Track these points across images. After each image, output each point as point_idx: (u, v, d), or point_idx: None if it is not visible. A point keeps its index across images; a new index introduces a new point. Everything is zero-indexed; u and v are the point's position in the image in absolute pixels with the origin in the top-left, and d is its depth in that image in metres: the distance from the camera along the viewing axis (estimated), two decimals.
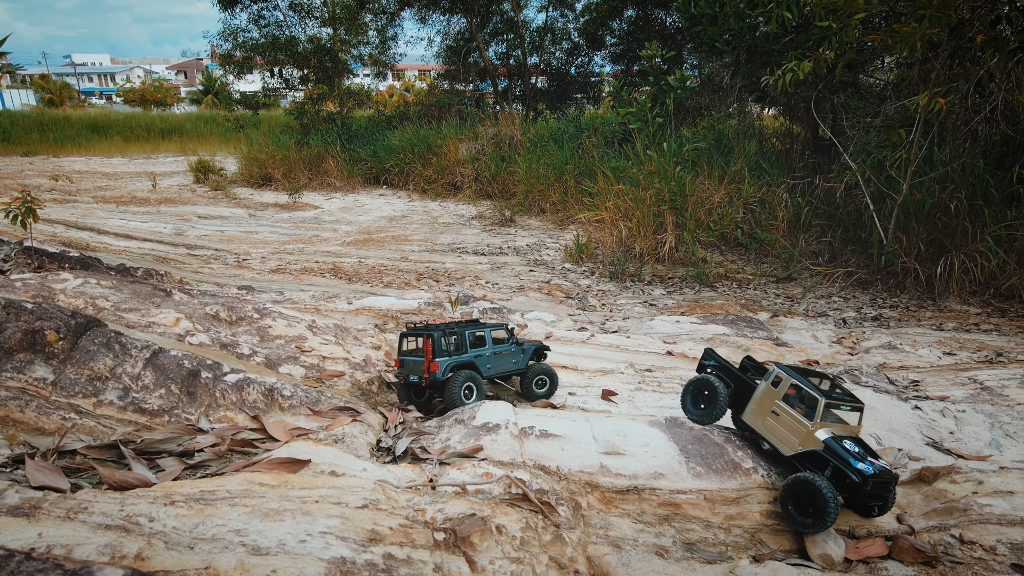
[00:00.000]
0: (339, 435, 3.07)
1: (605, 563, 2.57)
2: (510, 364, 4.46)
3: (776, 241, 10.88)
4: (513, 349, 4.45)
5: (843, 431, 3.28)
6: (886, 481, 3.10)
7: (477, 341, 4.29)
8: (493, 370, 4.35)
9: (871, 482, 3.01)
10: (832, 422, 3.27)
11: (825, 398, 3.21)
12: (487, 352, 4.30)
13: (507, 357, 4.42)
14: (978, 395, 4.61)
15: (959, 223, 9.24)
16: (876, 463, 3.12)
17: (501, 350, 4.38)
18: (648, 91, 14.31)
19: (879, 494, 3.11)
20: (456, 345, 4.17)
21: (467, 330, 4.26)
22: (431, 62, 27.70)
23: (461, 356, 4.14)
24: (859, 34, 8.97)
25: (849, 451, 3.13)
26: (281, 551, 1.81)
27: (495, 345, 4.35)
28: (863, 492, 3.03)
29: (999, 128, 9.91)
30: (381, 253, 12.12)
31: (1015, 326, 7.99)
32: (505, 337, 4.46)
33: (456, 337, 4.17)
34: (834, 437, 3.20)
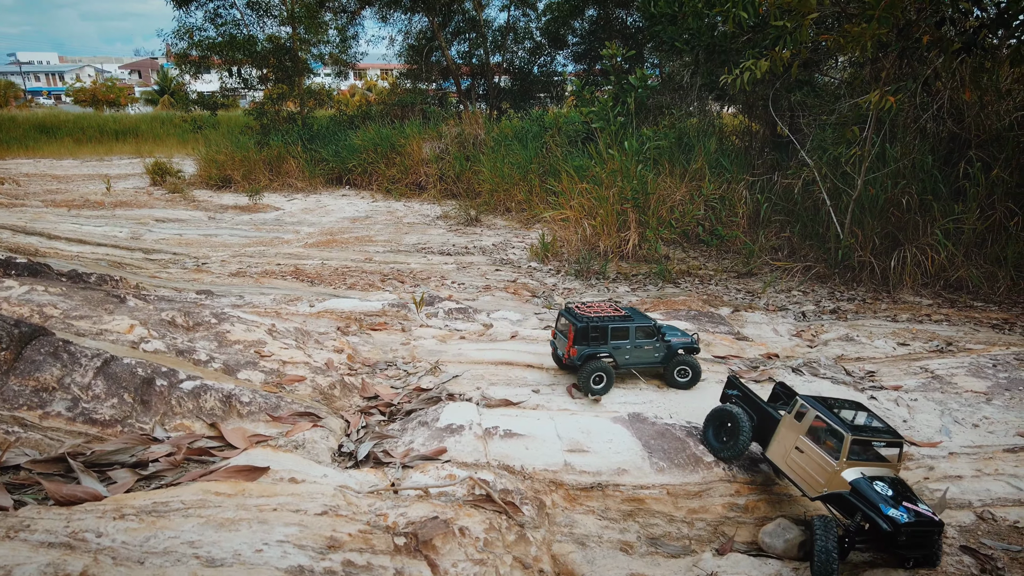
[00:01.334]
0: (299, 441, 3.01)
1: (570, 561, 2.58)
2: (651, 357, 4.65)
3: (736, 237, 11.07)
4: (657, 344, 4.63)
5: (878, 470, 2.93)
6: (926, 530, 2.72)
7: (618, 333, 4.54)
8: (631, 362, 4.61)
9: (905, 531, 2.68)
10: (865, 460, 2.94)
11: (853, 433, 2.90)
12: (627, 345, 4.56)
13: (648, 351, 4.62)
14: (929, 384, 4.75)
15: (911, 217, 9.53)
16: (914, 508, 2.76)
17: (643, 344, 4.59)
18: (610, 90, 14.42)
19: (918, 544, 2.73)
20: (599, 336, 4.48)
21: (610, 324, 4.53)
22: (393, 61, 27.49)
23: (600, 347, 4.46)
24: (813, 34, 9.16)
25: (881, 495, 2.79)
26: (236, 562, 1.77)
27: (637, 339, 4.58)
28: (897, 543, 2.69)
29: (946, 126, 10.25)
30: (344, 255, 11.98)
31: (963, 316, 8.26)
32: (651, 331, 4.65)
33: (599, 329, 4.48)
34: (865, 478, 2.87)
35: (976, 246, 9.37)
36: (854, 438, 2.89)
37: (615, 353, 4.52)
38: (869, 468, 2.92)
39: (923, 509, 2.77)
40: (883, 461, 2.97)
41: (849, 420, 3.00)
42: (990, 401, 4.39)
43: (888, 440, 2.98)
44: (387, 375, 4.79)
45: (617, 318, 4.59)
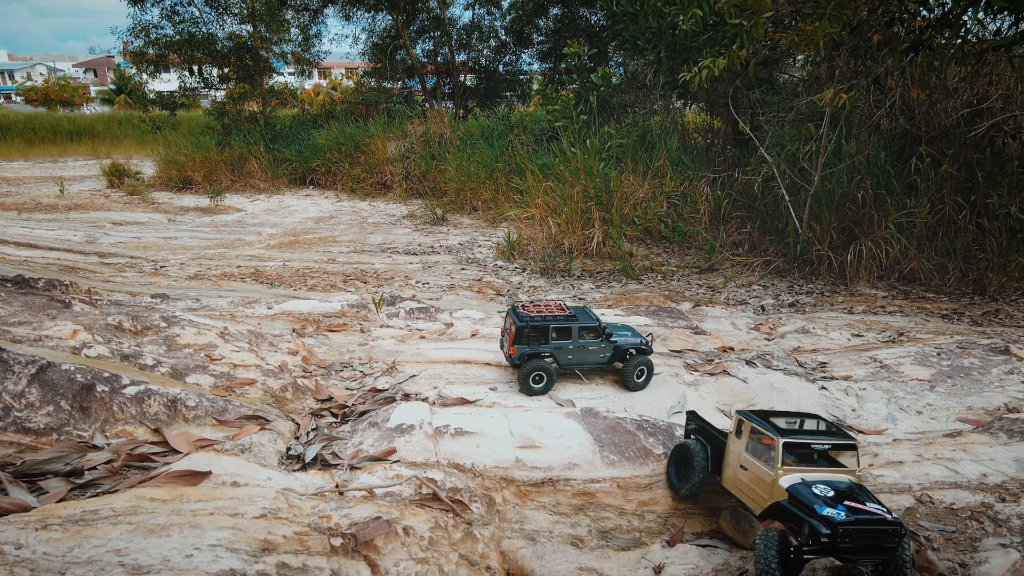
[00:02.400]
0: (246, 444, 2.96)
1: (519, 557, 2.58)
2: (596, 358, 4.60)
3: (698, 233, 11.21)
4: (602, 344, 4.57)
5: (826, 476, 2.76)
6: (873, 530, 2.53)
7: (560, 333, 4.51)
8: (574, 362, 4.58)
9: (843, 531, 2.49)
10: (812, 467, 2.79)
11: (784, 437, 2.76)
12: (569, 344, 4.51)
13: (593, 351, 4.56)
14: (878, 373, 4.87)
15: (866, 212, 9.75)
16: (857, 507, 2.57)
17: (587, 344, 4.54)
18: (573, 89, 14.47)
19: (868, 547, 2.54)
20: (539, 335, 4.46)
21: (552, 323, 4.49)
22: (357, 60, 27.24)
23: (540, 347, 4.45)
24: (768, 32, 9.32)
25: (818, 496, 2.62)
26: (164, 568, 1.73)
27: (581, 339, 4.53)
28: (839, 546, 2.50)
29: (898, 122, 10.52)
30: (307, 255, 11.83)
31: (916, 307, 8.50)
32: (596, 331, 4.59)
33: (539, 329, 4.46)
34: (803, 483, 2.70)
35: (927, 239, 9.63)
36: (786, 441, 2.77)
37: (557, 353, 4.51)
38: (814, 474, 2.76)
39: (874, 508, 2.59)
40: (838, 467, 2.83)
41: (787, 426, 2.86)
42: (933, 388, 4.52)
43: (834, 442, 2.83)
44: (342, 376, 4.74)
45: (560, 318, 4.55)
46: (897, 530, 2.53)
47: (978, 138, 9.69)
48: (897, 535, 2.53)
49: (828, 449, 2.83)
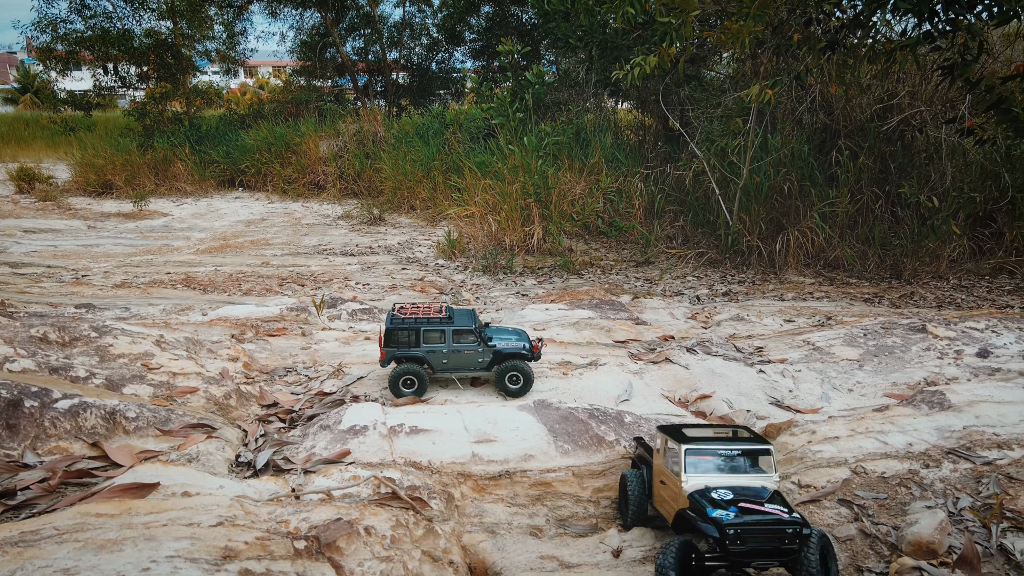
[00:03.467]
0: (193, 454, 2.86)
1: (480, 550, 2.59)
2: (472, 361, 4.37)
3: (634, 228, 11.46)
4: (479, 349, 4.35)
5: (738, 481, 2.64)
6: (766, 530, 2.40)
7: (432, 336, 4.30)
8: (449, 366, 4.38)
9: (731, 531, 2.37)
10: (728, 473, 2.67)
11: (685, 444, 2.67)
12: (443, 348, 4.32)
13: (469, 355, 4.35)
14: (811, 355, 5.13)
15: (792, 203, 10.20)
16: (750, 508, 2.46)
17: (462, 347, 4.33)
18: (508, 87, 14.54)
19: (762, 549, 2.40)
20: (410, 338, 4.27)
21: (423, 326, 4.29)
22: (285, 58, 26.53)
23: (411, 350, 4.29)
24: (696, 31, 9.61)
25: (713, 500, 2.52)
26: None
27: (455, 343, 4.32)
28: (730, 550, 2.38)
29: (819, 117, 11.05)
30: (240, 259, 11.46)
31: (841, 292, 8.96)
32: (471, 334, 4.36)
33: (409, 331, 4.26)
34: (706, 488, 2.60)
35: (848, 227, 10.17)
36: (688, 448, 2.66)
37: (430, 356, 4.33)
38: (724, 479, 2.64)
39: (771, 508, 2.47)
40: (760, 473, 2.68)
41: (697, 435, 2.77)
42: (862, 367, 4.79)
43: (744, 448, 2.71)
44: (287, 381, 4.63)
45: (434, 320, 4.36)
46: (796, 530, 2.39)
47: (890, 132, 10.30)
48: (797, 535, 2.39)
49: (738, 455, 2.70)
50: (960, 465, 3.07)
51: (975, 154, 9.81)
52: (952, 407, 3.65)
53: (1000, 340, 5.27)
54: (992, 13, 7.21)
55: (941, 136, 9.99)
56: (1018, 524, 2.54)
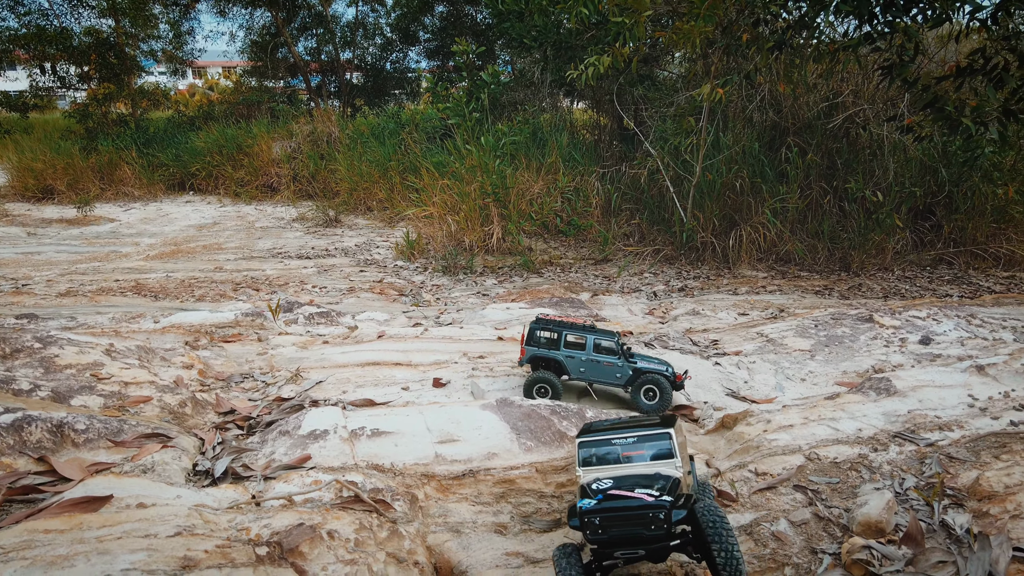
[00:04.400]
0: (148, 464, 2.78)
1: (446, 549, 2.59)
2: (610, 376, 4.39)
3: (592, 226, 11.58)
4: (619, 363, 4.37)
5: (633, 471, 2.48)
6: (622, 515, 2.26)
7: (573, 344, 4.43)
8: (586, 376, 4.43)
9: (587, 520, 2.26)
10: (618, 464, 2.51)
11: (579, 436, 2.55)
12: (581, 356, 4.39)
13: (607, 368, 4.38)
14: (765, 347, 5.27)
15: (744, 199, 10.46)
16: (619, 495, 2.32)
17: (601, 359, 4.37)
18: (464, 86, 14.53)
19: (626, 536, 2.25)
20: (550, 341, 4.43)
21: (566, 331, 4.45)
22: (236, 58, 25.95)
23: (549, 351, 4.43)
24: (649, 31, 9.77)
25: (587, 491, 2.41)
26: None
27: (595, 353, 4.38)
28: (588, 539, 2.27)
29: (768, 115, 11.35)
30: (192, 265, 11.17)
31: (792, 285, 9.22)
32: (612, 348, 4.41)
33: (552, 334, 4.45)
34: (595, 480, 2.47)
35: (799, 222, 10.48)
36: (581, 440, 2.53)
37: (567, 362, 4.45)
38: (615, 470, 2.48)
39: (640, 493, 2.31)
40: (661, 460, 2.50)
41: (599, 428, 2.63)
42: (813, 357, 4.95)
43: (640, 434, 2.53)
44: (243, 388, 4.54)
45: (577, 326, 4.55)
46: (663, 514, 2.24)
47: (835, 129, 10.64)
48: (665, 521, 2.24)
49: (633, 442, 2.52)
50: (905, 447, 3.21)
51: (915, 150, 10.22)
52: (898, 392, 3.81)
53: (940, 328, 5.51)
54: (927, 16, 7.52)
55: (883, 133, 10.37)
56: (958, 500, 2.67)
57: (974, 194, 9.91)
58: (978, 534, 2.39)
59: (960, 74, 7.41)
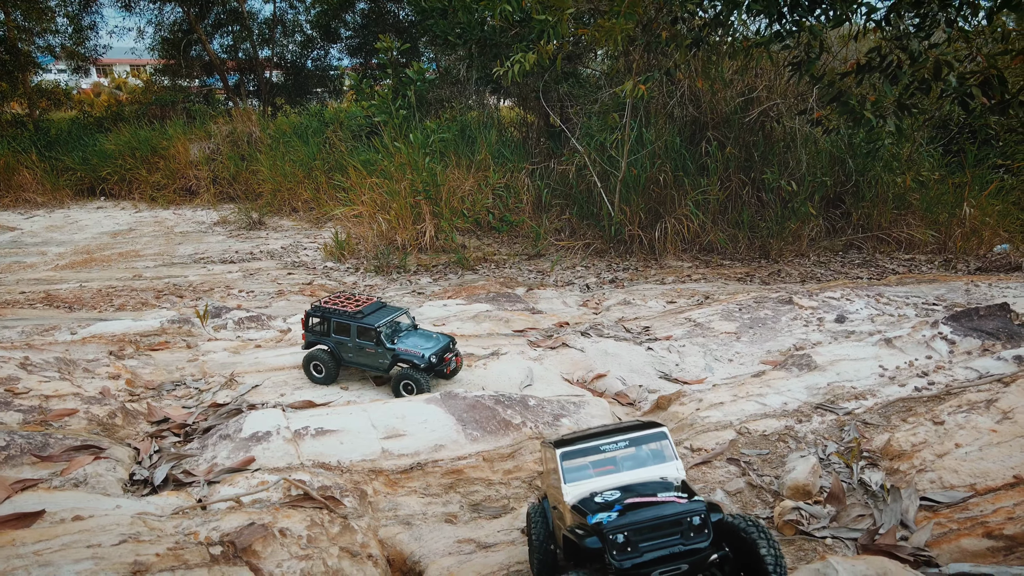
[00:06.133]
0: (80, 478, 2.66)
1: (397, 541, 2.61)
2: (374, 362, 4.52)
3: (524, 222, 11.71)
4: (378, 350, 4.46)
5: (625, 479, 2.14)
6: (665, 526, 1.89)
7: (340, 329, 4.57)
8: (354, 361, 4.59)
9: (616, 538, 1.85)
10: (611, 472, 2.16)
11: (560, 447, 2.17)
12: (348, 343, 4.55)
13: (370, 355, 4.51)
14: (693, 331, 5.50)
15: (668, 192, 10.82)
16: (643, 502, 1.96)
17: (364, 345, 4.50)
18: (388, 84, 14.37)
19: (666, 557, 1.86)
20: (321, 328, 4.67)
21: (334, 317, 4.61)
22: (145, 56, 24.69)
23: (320, 339, 4.68)
24: (572, 28, 9.96)
25: (596, 504, 2.03)
26: None
27: (359, 339, 4.51)
28: (625, 558, 1.84)
29: (688, 110, 11.77)
30: (108, 273, 10.62)
31: (716, 273, 9.62)
32: (371, 335, 4.49)
33: (323, 321, 4.66)
34: (590, 495, 2.09)
35: (720, 213, 10.94)
36: (563, 451, 2.16)
37: (339, 348, 4.61)
38: (612, 479, 2.15)
39: (667, 498, 1.98)
40: (658, 463, 2.19)
41: (578, 435, 2.28)
42: (739, 339, 5.22)
43: (631, 437, 2.20)
44: (176, 395, 4.39)
45: (352, 315, 4.60)
46: (703, 518, 1.92)
47: (752, 123, 11.15)
48: (705, 525, 1.92)
49: (626, 446, 2.19)
50: (827, 417, 3.44)
51: (824, 142, 10.85)
52: (817, 367, 4.07)
53: (853, 307, 5.90)
54: (828, 16, 8.01)
55: (795, 126, 10.94)
56: (873, 461, 2.90)
57: (877, 183, 10.62)
58: (891, 488, 2.61)
59: (860, 71, 7.93)
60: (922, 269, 9.49)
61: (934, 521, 2.31)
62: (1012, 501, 2.27)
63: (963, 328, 4.26)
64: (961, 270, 9.33)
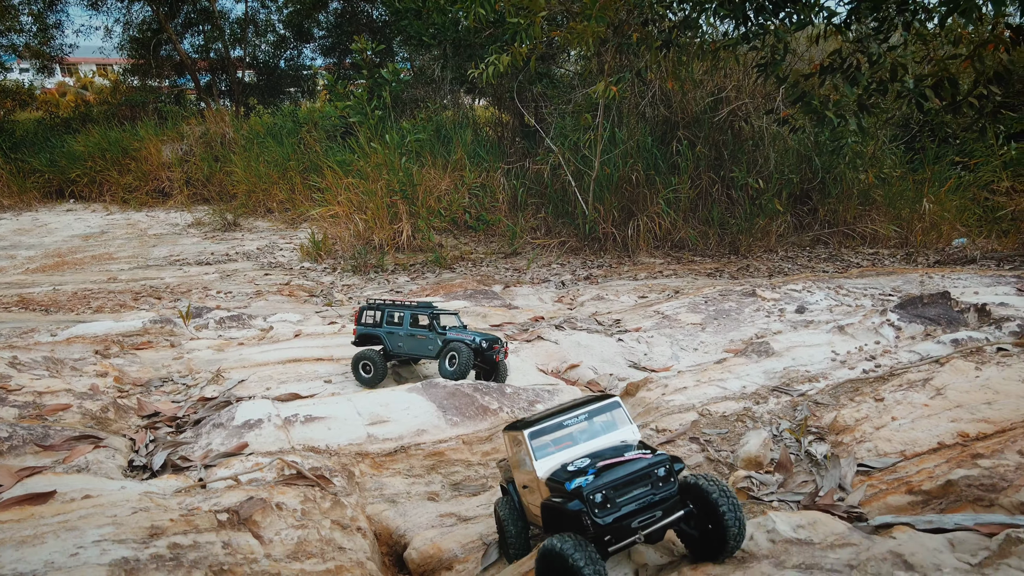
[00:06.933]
0: (82, 464, 2.81)
1: (384, 517, 2.81)
2: (424, 348, 4.68)
3: (500, 221, 11.93)
4: (430, 335, 4.66)
5: (590, 447, 2.28)
6: (637, 480, 2.06)
7: (394, 319, 4.80)
8: (403, 350, 4.76)
9: (595, 497, 1.99)
10: (576, 444, 2.29)
11: (528, 427, 2.28)
12: (400, 332, 4.74)
13: (421, 341, 4.68)
14: (661, 323, 5.77)
15: (640, 191, 11.12)
16: (615, 462, 2.11)
17: (416, 333, 4.70)
18: (363, 84, 14.49)
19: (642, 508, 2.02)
20: (375, 320, 4.86)
21: (388, 308, 4.86)
22: (113, 55, 24.41)
23: (373, 329, 4.85)
24: (544, 30, 10.18)
25: (570, 472, 2.13)
26: (51, 570, 1.70)
27: (412, 328, 4.72)
28: (607, 513, 1.99)
29: (660, 110, 12.09)
30: (82, 276, 10.60)
31: (686, 269, 9.92)
32: (426, 323, 4.76)
33: (376, 312, 4.88)
34: (562, 465, 2.20)
35: (691, 211, 11.27)
36: (530, 431, 2.27)
37: (388, 338, 4.81)
38: (578, 449, 2.28)
39: (633, 455, 2.14)
40: (615, 430, 2.36)
41: (538, 416, 2.39)
42: (704, 329, 5.49)
43: (589, 409, 2.35)
44: (164, 391, 4.52)
45: (407, 306, 4.84)
46: (667, 467, 2.10)
47: (721, 122, 11.50)
48: (671, 473, 2.11)
49: (585, 418, 2.33)
50: (782, 399, 3.71)
51: (792, 141, 11.23)
52: (775, 354, 4.36)
53: (813, 298, 6.22)
54: (792, 19, 8.35)
55: (763, 125, 11.31)
56: (820, 436, 3.18)
57: (842, 180, 11.03)
58: (831, 457, 2.88)
59: (823, 72, 8.29)
60: (885, 263, 9.90)
61: (867, 483, 2.58)
62: (933, 463, 2.55)
63: (908, 315, 4.58)
64: (921, 263, 9.74)
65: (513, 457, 2.43)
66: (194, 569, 1.83)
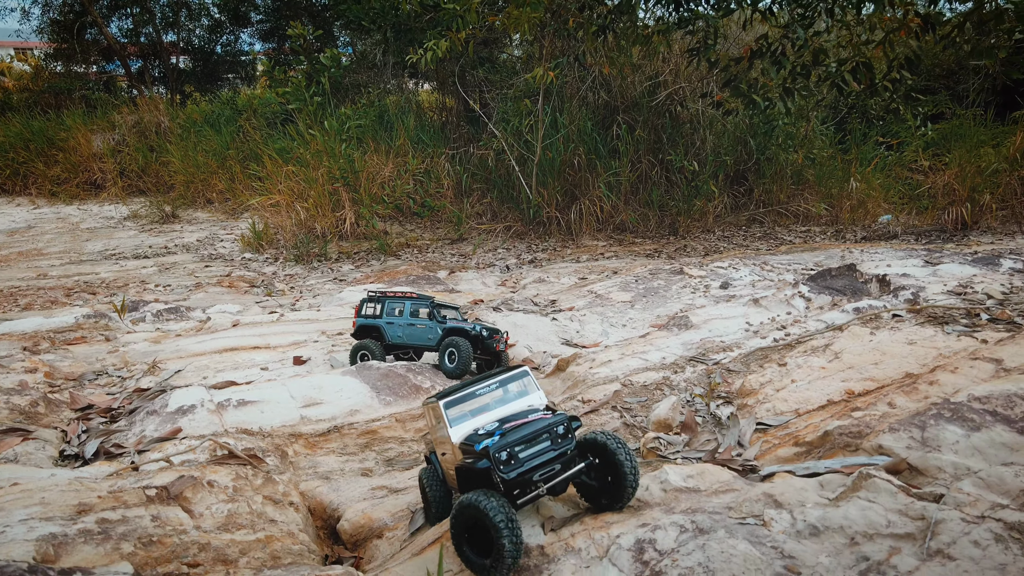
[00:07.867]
0: (10, 456, 2.83)
1: (317, 493, 2.93)
2: (423, 337, 4.76)
3: (445, 207, 11.99)
4: (429, 324, 4.74)
5: (500, 413, 2.49)
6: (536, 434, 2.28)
7: (394, 310, 4.89)
8: (402, 340, 4.83)
9: (500, 455, 2.19)
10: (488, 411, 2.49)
11: (443, 397, 2.45)
12: (400, 321, 4.83)
13: (420, 330, 4.76)
14: (594, 302, 6.00)
15: (582, 175, 11.33)
16: (518, 424, 2.32)
17: (415, 323, 4.78)
18: (303, 70, 14.25)
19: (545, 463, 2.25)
20: (375, 311, 4.94)
21: (388, 300, 4.93)
22: (32, 38, 23.20)
23: (373, 320, 4.93)
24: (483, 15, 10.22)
25: (479, 435, 2.34)
26: None
27: (412, 318, 4.80)
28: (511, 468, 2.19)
29: (600, 95, 12.29)
30: (8, 273, 10.23)
31: (627, 250, 10.21)
32: (425, 315, 4.81)
33: (377, 304, 4.95)
34: (474, 431, 2.41)
35: (632, 194, 11.55)
36: (445, 401, 2.44)
37: (387, 328, 4.89)
38: (489, 416, 2.47)
39: (535, 416, 2.38)
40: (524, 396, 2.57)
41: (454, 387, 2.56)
42: (633, 306, 5.75)
43: (501, 379, 2.56)
44: (98, 384, 4.50)
45: (408, 298, 4.92)
46: (566, 425, 2.33)
47: (659, 106, 11.78)
48: (568, 430, 2.33)
49: (496, 387, 2.54)
50: (698, 368, 3.97)
51: (727, 124, 11.59)
52: (694, 326, 4.62)
53: (738, 274, 6.54)
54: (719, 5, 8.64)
55: (699, 109, 11.64)
56: (728, 400, 3.43)
57: (775, 161, 11.46)
58: (732, 417, 3.13)
59: (752, 56, 8.61)
60: (816, 240, 10.38)
61: (763, 440, 2.83)
62: (819, 418, 2.82)
63: (818, 287, 4.90)
64: (849, 239, 10.25)
65: (433, 427, 2.59)
66: (123, 541, 1.92)
